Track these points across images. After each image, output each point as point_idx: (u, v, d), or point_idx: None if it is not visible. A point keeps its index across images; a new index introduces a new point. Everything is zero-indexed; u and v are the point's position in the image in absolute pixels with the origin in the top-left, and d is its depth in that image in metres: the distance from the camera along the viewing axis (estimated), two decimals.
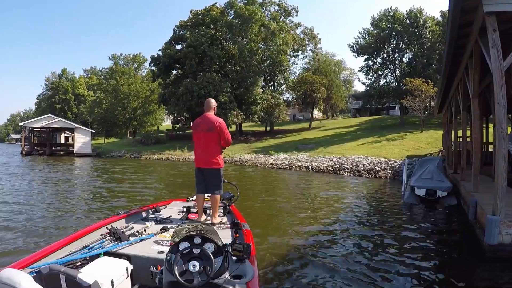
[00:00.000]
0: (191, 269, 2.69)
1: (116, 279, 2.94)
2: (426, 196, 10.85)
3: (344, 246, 6.49)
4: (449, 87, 13.94)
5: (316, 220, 8.72)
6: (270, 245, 6.45)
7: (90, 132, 44.08)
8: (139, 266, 3.34)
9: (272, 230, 7.69)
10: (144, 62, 68.15)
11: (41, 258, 3.11)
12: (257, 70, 41.63)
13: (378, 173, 18.28)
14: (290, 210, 10.00)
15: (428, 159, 13.70)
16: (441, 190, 10.75)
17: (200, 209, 4.88)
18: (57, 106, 78.29)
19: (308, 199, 11.80)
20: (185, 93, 38.21)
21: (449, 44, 8.75)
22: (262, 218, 9.05)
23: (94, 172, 21.60)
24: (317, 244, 6.56)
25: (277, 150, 30.34)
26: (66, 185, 15.17)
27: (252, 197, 12.02)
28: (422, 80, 30.87)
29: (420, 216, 9.59)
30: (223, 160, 5.07)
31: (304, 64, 62.66)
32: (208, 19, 42.98)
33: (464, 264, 5.84)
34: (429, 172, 11.27)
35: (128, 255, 3.40)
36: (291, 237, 7.11)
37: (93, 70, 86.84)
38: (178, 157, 33.28)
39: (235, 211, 5.18)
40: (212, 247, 2.84)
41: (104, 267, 3.00)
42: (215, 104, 5.06)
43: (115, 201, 11.26)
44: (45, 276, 2.44)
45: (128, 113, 60.97)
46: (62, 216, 8.83)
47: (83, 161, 31.96)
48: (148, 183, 15.86)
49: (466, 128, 13.04)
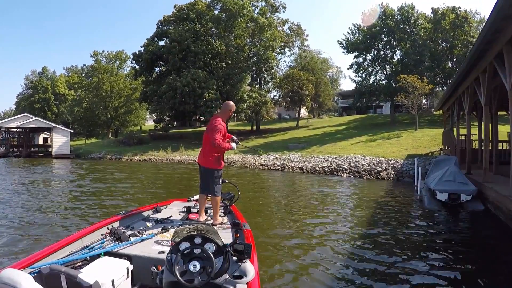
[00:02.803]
0: (192, 269, 2.71)
1: (117, 279, 2.89)
2: (448, 201, 9.55)
3: (357, 255, 5.80)
4: (454, 90, 14.18)
5: (323, 224, 7.98)
6: (271, 245, 6.29)
7: (69, 132, 41.58)
8: (140, 266, 3.32)
9: (273, 231, 7.44)
10: (126, 59, 65.88)
11: (42, 258, 3.13)
12: (244, 67, 40.04)
13: (380, 174, 16.93)
14: (292, 212, 9.25)
15: (443, 158, 12.35)
16: (465, 194, 9.48)
17: (202, 209, 4.89)
18: (37, 105, 75.27)
19: (310, 202, 10.40)
20: (168, 91, 36.34)
21: (468, 63, 10.47)
22: (262, 219, 8.61)
23: (66, 177, 19.65)
24: (321, 247, 6.27)
25: (266, 149, 28.79)
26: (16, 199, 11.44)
27: (252, 200, 10.56)
28: (417, 76, 29.76)
29: (447, 225, 8.20)
30: (221, 162, 4.99)
31: (290, 62, 61.71)
32: (193, 14, 41.19)
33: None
34: (450, 174, 9.89)
35: (129, 255, 3.39)
36: (294, 238, 6.87)
37: (74, 69, 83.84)
38: (161, 158, 31.44)
39: (235, 211, 5.15)
40: (212, 247, 2.86)
41: (105, 267, 2.95)
42: (230, 107, 5.05)
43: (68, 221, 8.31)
44: (45, 276, 2.43)
45: (109, 112, 58.52)
46: None
47: (59, 163, 29.76)
48: (124, 191, 14.08)
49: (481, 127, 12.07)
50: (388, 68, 39.16)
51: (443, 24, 38.99)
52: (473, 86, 11.34)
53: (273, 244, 6.33)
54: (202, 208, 4.90)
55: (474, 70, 10.78)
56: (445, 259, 5.64)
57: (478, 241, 7.04)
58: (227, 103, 5.09)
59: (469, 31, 38.85)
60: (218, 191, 4.85)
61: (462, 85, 12.65)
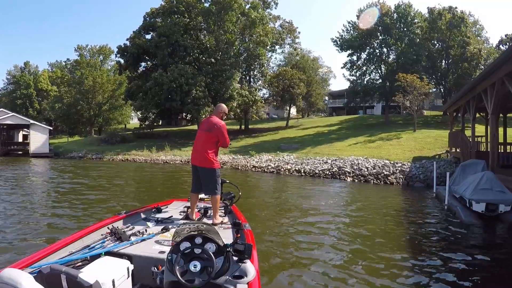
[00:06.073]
0: (192, 269, 2.70)
1: (117, 279, 2.84)
2: (485, 212, 8.10)
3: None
4: (471, 88, 13.34)
5: (326, 228, 7.52)
6: (272, 245, 6.23)
7: (48, 129, 39.17)
8: (140, 266, 3.29)
9: (274, 231, 7.29)
10: (111, 54, 63.33)
11: (42, 258, 3.10)
12: (234, 63, 38.35)
13: (387, 178, 15.42)
14: (292, 215, 8.64)
15: (470, 163, 10.88)
16: (504, 204, 8.05)
17: (193, 209, 4.81)
18: (19, 101, 72.07)
19: (314, 210, 8.87)
20: (154, 87, 34.32)
21: (479, 79, 11.22)
22: (264, 219, 8.42)
23: (36, 179, 17.71)
24: (323, 250, 6.05)
25: (257, 150, 27.14)
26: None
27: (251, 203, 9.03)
28: (416, 75, 28.51)
29: (493, 242, 6.74)
30: (218, 162, 4.94)
31: (280, 60, 60.39)
32: (182, 6, 39.27)
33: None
34: (487, 181, 8.40)
35: (129, 255, 3.37)
36: (295, 239, 6.72)
37: (58, 64, 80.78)
38: (145, 158, 29.44)
39: (236, 211, 5.08)
40: (213, 247, 2.85)
41: (105, 267, 2.91)
42: (222, 109, 5.07)
43: None
44: (46, 276, 2.41)
45: (92, 109, 56.14)
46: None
47: (35, 163, 27.62)
48: (99, 200, 12.26)
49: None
50: (383, 67, 37.87)
51: (439, 24, 38.09)
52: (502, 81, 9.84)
53: (275, 244, 6.24)
54: (194, 207, 4.82)
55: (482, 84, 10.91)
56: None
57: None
58: (219, 105, 5.13)
59: (466, 32, 38.01)
60: (218, 190, 4.79)
61: (486, 81, 11.18)
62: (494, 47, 43.62)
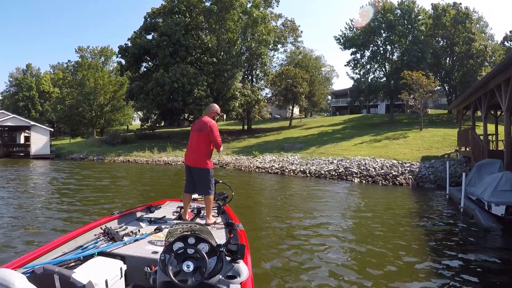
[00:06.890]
0: (185, 269, 2.70)
1: (110, 279, 2.86)
2: (505, 216, 7.61)
3: None
4: (484, 84, 12.79)
5: (324, 231, 7.24)
6: (265, 245, 6.17)
7: (48, 130, 39.05)
8: (133, 266, 3.30)
9: (271, 232, 7.24)
10: (112, 55, 62.98)
11: (35, 258, 3.11)
12: (236, 63, 37.89)
13: (396, 179, 14.92)
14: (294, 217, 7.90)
15: (485, 162, 10.36)
16: None
17: (186, 209, 4.78)
18: (21, 103, 72.51)
19: (317, 211, 8.36)
20: (155, 87, 34.00)
21: (493, 73, 10.61)
22: (264, 220, 8.30)
23: (34, 180, 17.32)
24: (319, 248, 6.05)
25: (260, 150, 26.70)
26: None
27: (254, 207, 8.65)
28: (422, 73, 27.94)
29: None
30: (212, 162, 4.92)
31: (282, 60, 59.79)
32: (183, 6, 38.87)
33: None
34: (507, 182, 7.91)
35: (122, 255, 3.36)
36: (290, 238, 6.70)
37: (60, 66, 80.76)
38: (147, 159, 29.08)
39: (229, 212, 5.05)
40: (206, 247, 2.85)
41: (98, 267, 2.93)
42: (214, 109, 5.09)
43: None
44: (39, 276, 2.42)
45: (94, 110, 55.89)
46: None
47: (35, 164, 27.29)
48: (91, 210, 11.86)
49: None
50: (387, 65, 37.28)
51: (443, 20, 37.45)
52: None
53: (268, 244, 6.21)
54: (187, 207, 4.80)
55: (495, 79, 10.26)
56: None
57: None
58: (211, 105, 5.19)
59: (471, 28, 37.38)
60: (212, 190, 4.78)
61: (500, 75, 10.67)
62: (499, 44, 43.03)
